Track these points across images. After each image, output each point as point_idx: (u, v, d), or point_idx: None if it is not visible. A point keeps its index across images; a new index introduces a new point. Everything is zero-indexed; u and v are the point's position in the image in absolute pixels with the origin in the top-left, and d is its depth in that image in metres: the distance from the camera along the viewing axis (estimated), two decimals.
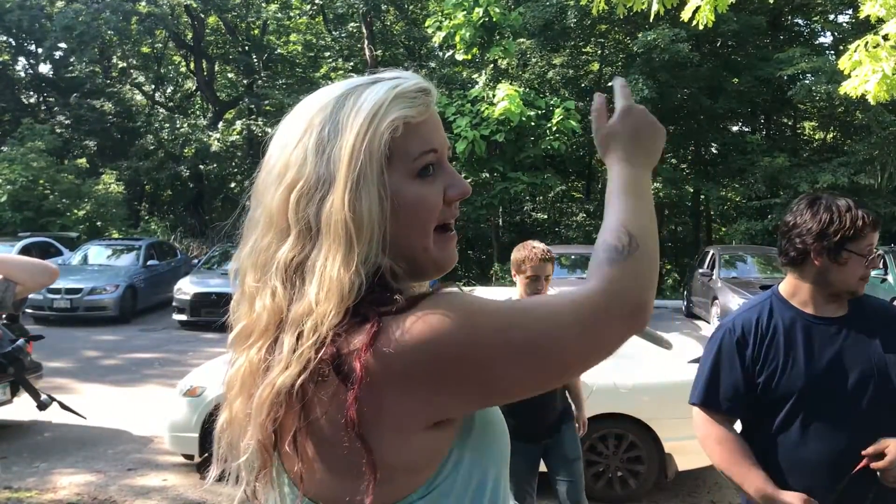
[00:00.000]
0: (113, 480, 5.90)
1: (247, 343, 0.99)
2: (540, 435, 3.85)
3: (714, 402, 2.25)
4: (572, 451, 3.91)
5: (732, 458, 2.21)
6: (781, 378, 2.16)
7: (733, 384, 2.22)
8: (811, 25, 23.67)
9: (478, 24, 18.40)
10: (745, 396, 2.21)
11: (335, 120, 0.98)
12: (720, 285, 13.96)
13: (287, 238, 0.97)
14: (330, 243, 0.94)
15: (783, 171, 19.47)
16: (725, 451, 2.22)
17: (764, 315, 2.24)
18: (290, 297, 0.95)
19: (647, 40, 19.26)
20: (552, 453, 3.92)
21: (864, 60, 6.60)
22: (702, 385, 2.28)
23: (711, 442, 2.25)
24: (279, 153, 1.00)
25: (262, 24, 27.97)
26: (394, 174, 0.98)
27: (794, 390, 2.14)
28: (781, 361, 2.17)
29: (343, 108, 0.99)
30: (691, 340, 6.14)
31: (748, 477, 2.16)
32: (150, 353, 11.62)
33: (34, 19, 25.55)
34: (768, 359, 2.18)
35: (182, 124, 26.86)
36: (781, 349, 2.18)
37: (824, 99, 19.52)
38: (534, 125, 18.34)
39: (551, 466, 3.95)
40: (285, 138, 1.01)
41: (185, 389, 5.79)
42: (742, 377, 2.20)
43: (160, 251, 17.53)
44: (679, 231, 26.57)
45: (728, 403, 2.23)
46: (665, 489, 5.61)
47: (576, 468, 3.91)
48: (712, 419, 2.25)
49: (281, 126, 1.04)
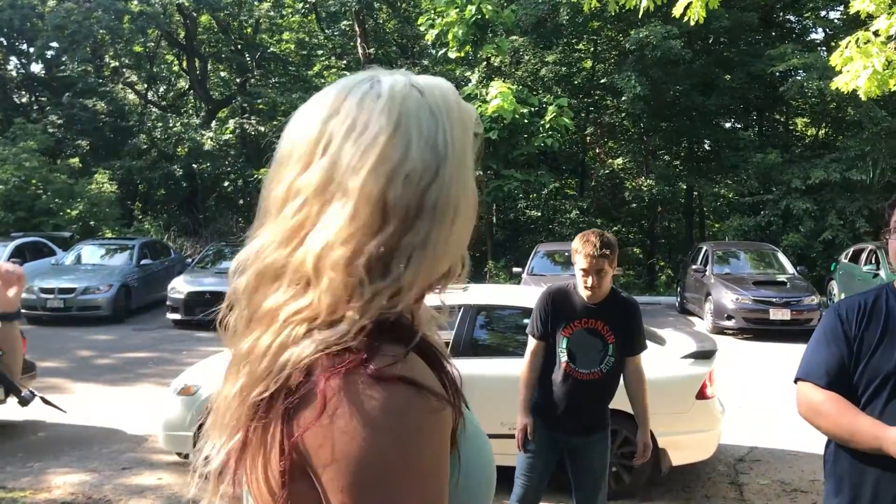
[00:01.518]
0: (107, 479, 5.89)
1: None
2: (562, 427, 3.79)
3: (814, 377, 2.30)
4: (599, 461, 3.84)
5: (838, 413, 2.22)
6: (872, 358, 2.22)
7: (834, 361, 2.27)
8: (802, 22, 23.73)
9: (470, 22, 18.40)
10: (845, 374, 2.25)
11: (427, 106, 0.91)
12: (713, 281, 14.00)
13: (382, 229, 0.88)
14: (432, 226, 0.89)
15: (776, 168, 19.54)
16: (830, 410, 2.24)
17: (870, 299, 2.31)
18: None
19: (639, 37, 19.28)
20: (577, 457, 3.86)
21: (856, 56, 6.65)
22: (804, 362, 2.36)
23: (814, 408, 2.28)
24: (369, 142, 0.88)
25: (254, 22, 27.92)
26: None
27: (882, 372, 2.20)
28: (876, 342, 2.23)
29: (426, 97, 0.92)
30: (684, 336, 6.15)
31: (858, 427, 2.17)
32: (144, 352, 11.61)
33: (25, 18, 25.43)
34: (866, 338, 2.24)
35: (175, 123, 26.80)
36: (879, 331, 2.24)
37: (816, 95, 19.58)
38: (527, 122, 18.36)
39: (573, 470, 3.89)
40: (364, 130, 0.89)
41: (180, 388, 5.80)
42: (842, 355, 2.26)
43: (154, 250, 17.49)
44: (672, 227, 26.63)
45: (827, 378, 2.27)
46: (659, 484, 5.63)
47: (598, 481, 3.84)
48: (813, 390, 2.30)
49: (340, 119, 0.91)
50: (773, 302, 13.00)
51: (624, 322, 3.75)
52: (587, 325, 3.72)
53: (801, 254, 18.42)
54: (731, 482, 5.91)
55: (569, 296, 3.77)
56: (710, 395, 5.49)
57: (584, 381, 3.73)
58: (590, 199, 24.22)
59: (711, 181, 22.31)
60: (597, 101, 24.16)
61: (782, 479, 5.92)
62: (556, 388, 3.77)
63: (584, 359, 3.73)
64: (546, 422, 3.78)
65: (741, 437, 6.93)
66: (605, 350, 3.72)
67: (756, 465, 6.28)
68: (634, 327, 3.79)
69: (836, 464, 2.30)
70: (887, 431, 2.07)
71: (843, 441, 2.23)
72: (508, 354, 5.60)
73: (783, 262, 15.08)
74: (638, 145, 25.27)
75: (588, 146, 25.68)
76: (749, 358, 10.97)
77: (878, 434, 2.09)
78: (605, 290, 3.71)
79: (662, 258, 24.82)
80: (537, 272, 14.21)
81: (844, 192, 18.80)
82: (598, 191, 25.72)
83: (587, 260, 3.57)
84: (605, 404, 3.85)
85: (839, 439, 2.24)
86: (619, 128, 25.90)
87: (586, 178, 25.51)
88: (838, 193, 18.83)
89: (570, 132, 20.26)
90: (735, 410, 7.75)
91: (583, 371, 3.73)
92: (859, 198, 18.46)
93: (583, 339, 3.73)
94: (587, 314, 3.71)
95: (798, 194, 18.88)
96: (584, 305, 3.72)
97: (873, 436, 2.10)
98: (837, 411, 2.22)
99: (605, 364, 3.73)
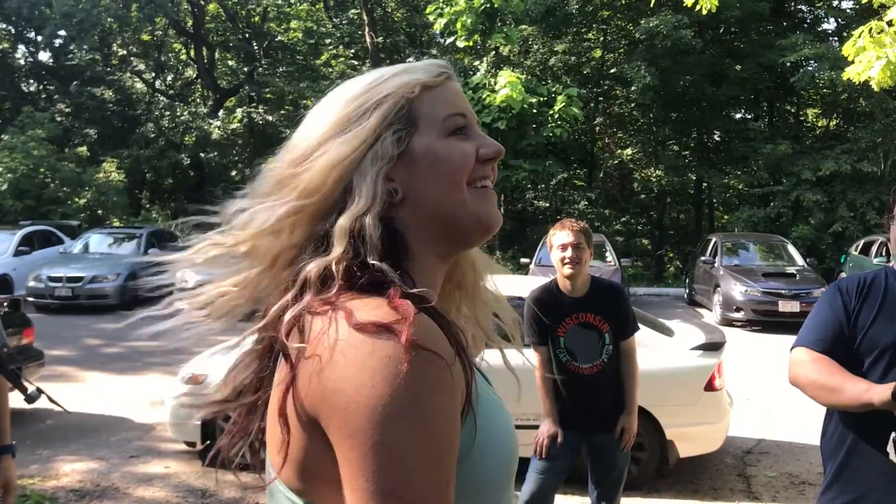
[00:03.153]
0: (115, 467, 5.91)
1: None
2: (581, 428, 3.76)
3: (810, 343, 2.34)
4: (622, 457, 3.81)
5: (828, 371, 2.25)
6: (870, 330, 2.26)
7: (831, 329, 2.32)
8: (814, 11, 23.55)
9: (479, 11, 18.31)
10: (842, 341, 2.29)
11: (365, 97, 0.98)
12: (722, 273, 13.95)
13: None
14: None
15: (786, 159, 19.43)
16: (817, 368, 2.28)
17: (869, 277, 2.37)
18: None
19: (649, 27, 19.18)
20: (600, 454, 3.83)
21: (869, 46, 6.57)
22: (801, 331, 2.41)
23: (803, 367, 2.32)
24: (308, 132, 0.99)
25: (262, 11, 27.86)
26: (423, 136, 0.96)
27: (880, 344, 2.24)
28: (874, 315, 2.27)
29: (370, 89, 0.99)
30: (693, 328, 6.12)
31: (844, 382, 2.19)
32: (152, 341, 11.61)
33: (34, 7, 25.44)
34: (863, 311, 2.29)
35: (182, 112, 26.81)
36: (877, 305, 2.29)
37: (827, 86, 19.47)
38: (535, 112, 18.30)
39: (595, 467, 3.86)
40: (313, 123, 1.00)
41: (188, 377, 5.79)
42: (839, 323, 2.31)
43: (161, 239, 17.52)
44: (681, 219, 26.55)
45: (822, 343, 2.31)
46: (666, 476, 5.61)
47: (620, 477, 3.82)
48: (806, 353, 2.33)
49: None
50: (782, 294, 12.94)
51: (612, 307, 3.74)
52: (579, 320, 3.70)
53: (811, 246, 18.34)
54: (739, 474, 5.89)
55: (553, 295, 3.76)
56: (718, 386, 5.46)
57: (590, 375, 3.71)
58: (598, 190, 24.16)
59: (721, 172, 22.21)
60: (606, 91, 24.06)
61: (790, 472, 5.89)
62: (565, 390, 3.74)
63: (583, 354, 3.71)
64: (565, 426, 3.75)
65: (749, 429, 6.90)
66: (602, 340, 3.71)
67: (764, 458, 6.26)
68: (623, 310, 3.78)
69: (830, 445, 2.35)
70: (876, 385, 2.09)
71: (825, 399, 2.25)
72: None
73: (793, 254, 15.01)
74: (647, 136, 25.16)
75: (597, 136, 25.59)
76: (758, 350, 10.92)
77: (865, 387, 2.11)
78: (584, 273, 3.69)
79: (671, 249, 24.76)
80: (545, 263, 14.15)
81: (855, 184, 18.69)
82: (606, 181, 25.66)
83: (568, 233, 3.61)
84: (618, 395, 3.81)
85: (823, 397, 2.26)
86: (629, 118, 25.79)
87: (595, 169, 25.44)
88: (849, 185, 18.71)
89: (579, 122, 20.19)
90: (743, 402, 7.73)
91: (585, 366, 3.71)
92: (870, 189, 18.34)
93: (578, 334, 3.71)
94: (576, 308, 3.70)
95: (808, 186, 18.77)
96: (571, 300, 3.70)
97: (861, 389, 2.11)
98: (825, 370, 2.25)
99: (605, 353, 3.71)
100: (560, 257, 3.64)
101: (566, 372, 3.72)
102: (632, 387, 3.80)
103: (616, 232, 23.14)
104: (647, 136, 25.22)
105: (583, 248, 3.62)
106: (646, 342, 5.17)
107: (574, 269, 3.63)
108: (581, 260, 3.62)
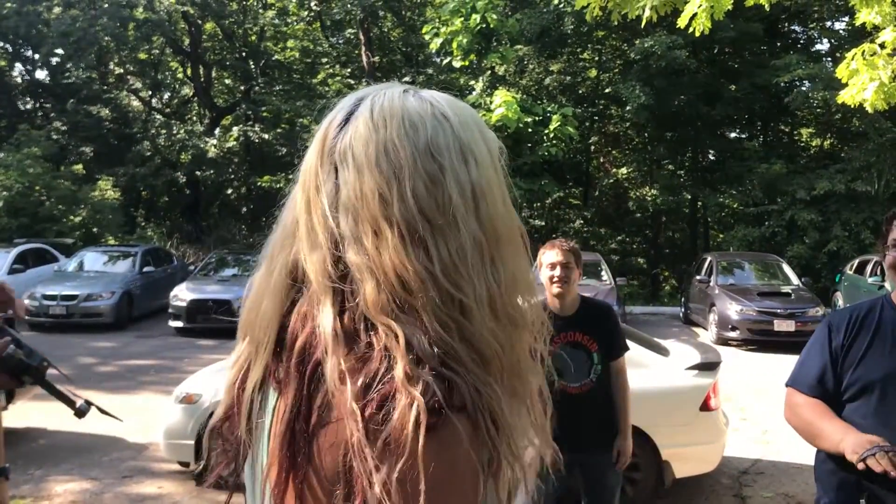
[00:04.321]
0: (108, 488, 5.86)
1: None
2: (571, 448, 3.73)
3: (799, 384, 2.44)
4: (613, 477, 3.79)
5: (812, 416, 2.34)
6: (860, 366, 2.29)
7: (818, 370, 2.38)
8: (808, 32, 23.73)
9: (475, 31, 18.42)
10: (828, 382, 2.35)
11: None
12: (718, 292, 13.96)
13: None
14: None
15: (780, 178, 19.50)
16: (805, 413, 2.36)
17: (863, 310, 2.39)
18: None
19: (644, 47, 19.30)
20: (591, 474, 3.79)
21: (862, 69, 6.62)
22: (795, 368, 2.50)
23: (793, 411, 2.42)
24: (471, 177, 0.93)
25: (259, 30, 27.98)
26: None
27: (868, 380, 2.27)
28: (864, 351, 2.30)
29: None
30: (688, 347, 6.11)
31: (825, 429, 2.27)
32: (146, 359, 11.58)
33: (31, 25, 25.53)
34: (854, 347, 2.32)
35: (179, 130, 26.82)
36: (867, 341, 2.31)
37: (821, 105, 19.57)
38: (531, 131, 18.36)
39: (587, 488, 3.83)
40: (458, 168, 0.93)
41: (181, 396, 5.77)
42: (825, 364, 2.36)
43: (156, 257, 17.49)
44: (676, 238, 26.58)
45: (809, 386, 2.39)
46: (663, 496, 5.59)
47: (611, 494, 3.79)
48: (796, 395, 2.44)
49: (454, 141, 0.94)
50: (777, 313, 12.95)
51: (601, 326, 3.74)
52: (568, 339, 3.69)
53: (806, 265, 18.36)
54: (735, 495, 5.86)
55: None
56: (713, 406, 5.45)
57: (576, 395, 3.68)
58: (594, 209, 24.19)
59: (716, 191, 22.27)
60: (601, 111, 24.16)
61: (786, 492, 5.87)
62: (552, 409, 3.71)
63: (571, 373, 3.69)
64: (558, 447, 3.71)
65: (745, 449, 6.88)
66: (591, 360, 3.70)
67: (760, 478, 6.24)
68: (612, 330, 3.79)
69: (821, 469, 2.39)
70: (847, 436, 2.14)
71: (812, 443, 2.34)
72: None
73: (788, 273, 15.03)
74: (642, 155, 25.25)
75: (592, 155, 25.66)
76: (753, 369, 10.92)
77: (841, 437, 2.17)
78: (573, 292, 3.70)
79: (666, 268, 24.77)
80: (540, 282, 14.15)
81: (849, 204, 18.75)
82: (602, 200, 25.70)
83: (557, 252, 3.63)
84: (606, 414, 3.79)
85: (810, 441, 2.35)
86: (624, 137, 25.89)
87: (590, 188, 25.49)
88: (843, 204, 18.78)
89: (575, 141, 20.23)
90: (739, 422, 7.71)
91: (573, 385, 3.69)
92: (864, 209, 18.41)
93: (567, 353, 3.69)
94: (565, 328, 3.68)
95: (803, 205, 18.84)
96: (560, 320, 3.68)
97: (837, 439, 2.18)
98: (812, 414, 2.33)
99: (594, 373, 3.70)
100: (549, 276, 3.65)
101: (552, 391, 3.70)
102: (624, 408, 3.80)
103: (611, 251, 23.16)
104: (642, 156, 25.30)
105: (571, 268, 3.63)
106: (641, 362, 5.17)
107: (562, 289, 3.63)
108: (570, 279, 3.63)
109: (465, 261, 0.89)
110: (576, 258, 3.65)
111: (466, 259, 0.89)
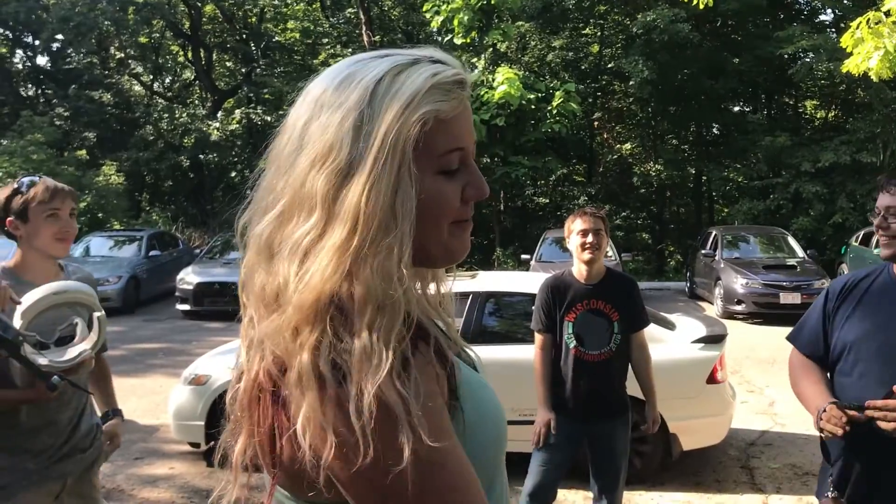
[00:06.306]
0: (120, 469, 5.92)
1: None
2: (583, 416, 3.77)
3: (797, 342, 2.60)
4: (621, 446, 3.84)
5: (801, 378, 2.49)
6: (842, 330, 2.39)
7: (812, 332, 2.52)
8: (812, 2, 23.49)
9: (476, 8, 18.30)
10: (820, 345, 2.47)
11: (372, 103, 0.93)
12: (723, 266, 13.96)
13: (311, 219, 0.93)
14: (337, 228, 0.91)
15: (785, 151, 19.41)
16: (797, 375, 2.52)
17: (860, 276, 2.48)
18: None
19: (646, 21, 19.16)
20: (600, 443, 3.84)
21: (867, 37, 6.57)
22: (797, 324, 2.65)
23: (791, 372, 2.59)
24: (320, 133, 0.94)
25: (259, 11, 27.83)
26: (415, 167, 0.93)
27: (847, 341, 2.36)
28: (847, 315, 2.39)
29: (379, 92, 0.94)
30: (694, 321, 6.13)
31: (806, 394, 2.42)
32: (155, 343, 11.65)
33: (31, 11, 25.42)
34: (840, 312, 2.43)
35: (181, 114, 26.77)
36: (853, 306, 2.40)
37: (825, 77, 19.44)
38: (534, 108, 18.29)
39: (595, 458, 3.88)
40: (326, 117, 0.95)
41: (191, 378, 5.81)
42: (819, 328, 2.50)
43: (162, 241, 17.53)
44: (681, 212, 26.54)
45: (805, 345, 2.55)
46: (670, 469, 5.63)
47: (620, 467, 3.84)
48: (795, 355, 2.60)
49: (313, 98, 0.98)
50: (783, 286, 12.95)
51: (624, 298, 3.80)
52: (590, 307, 3.74)
53: (812, 237, 18.32)
54: (742, 466, 5.90)
55: (567, 282, 3.82)
56: (720, 379, 5.48)
57: (596, 362, 3.74)
58: (598, 185, 24.14)
59: (720, 165, 22.20)
60: (604, 86, 24.04)
61: (793, 463, 5.90)
62: (569, 377, 3.76)
63: (591, 340, 3.75)
64: (565, 414, 3.77)
65: (752, 421, 6.91)
66: (612, 328, 3.75)
67: (767, 449, 6.27)
68: (634, 303, 3.84)
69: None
70: (816, 402, 2.29)
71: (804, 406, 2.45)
72: (518, 341, 5.59)
73: (793, 246, 15.01)
74: (646, 130, 25.15)
75: (596, 131, 25.56)
76: (760, 342, 10.94)
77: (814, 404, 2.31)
78: (601, 261, 3.76)
79: (672, 243, 24.74)
80: (546, 259, 14.17)
81: (854, 175, 18.67)
82: (606, 176, 25.63)
83: (585, 219, 3.68)
84: (620, 384, 3.85)
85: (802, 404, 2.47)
86: (627, 113, 25.77)
87: (594, 164, 25.43)
88: (848, 176, 18.69)
89: (578, 118, 20.15)
90: (745, 394, 7.74)
91: (592, 352, 3.74)
92: (869, 180, 18.30)
93: (588, 320, 3.75)
94: (588, 295, 3.75)
95: (808, 177, 18.76)
96: (584, 287, 3.76)
97: (812, 405, 2.32)
98: (801, 377, 2.49)
99: (613, 342, 3.75)
100: (580, 243, 3.69)
101: (570, 357, 3.75)
102: (649, 378, 3.90)
103: (616, 227, 23.13)
104: (645, 131, 25.21)
105: (601, 234, 3.69)
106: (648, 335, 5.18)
107: (593, 255, 3.69)
108: (600, 246, 3.69)
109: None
110: (605, 225, 3.72)
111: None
